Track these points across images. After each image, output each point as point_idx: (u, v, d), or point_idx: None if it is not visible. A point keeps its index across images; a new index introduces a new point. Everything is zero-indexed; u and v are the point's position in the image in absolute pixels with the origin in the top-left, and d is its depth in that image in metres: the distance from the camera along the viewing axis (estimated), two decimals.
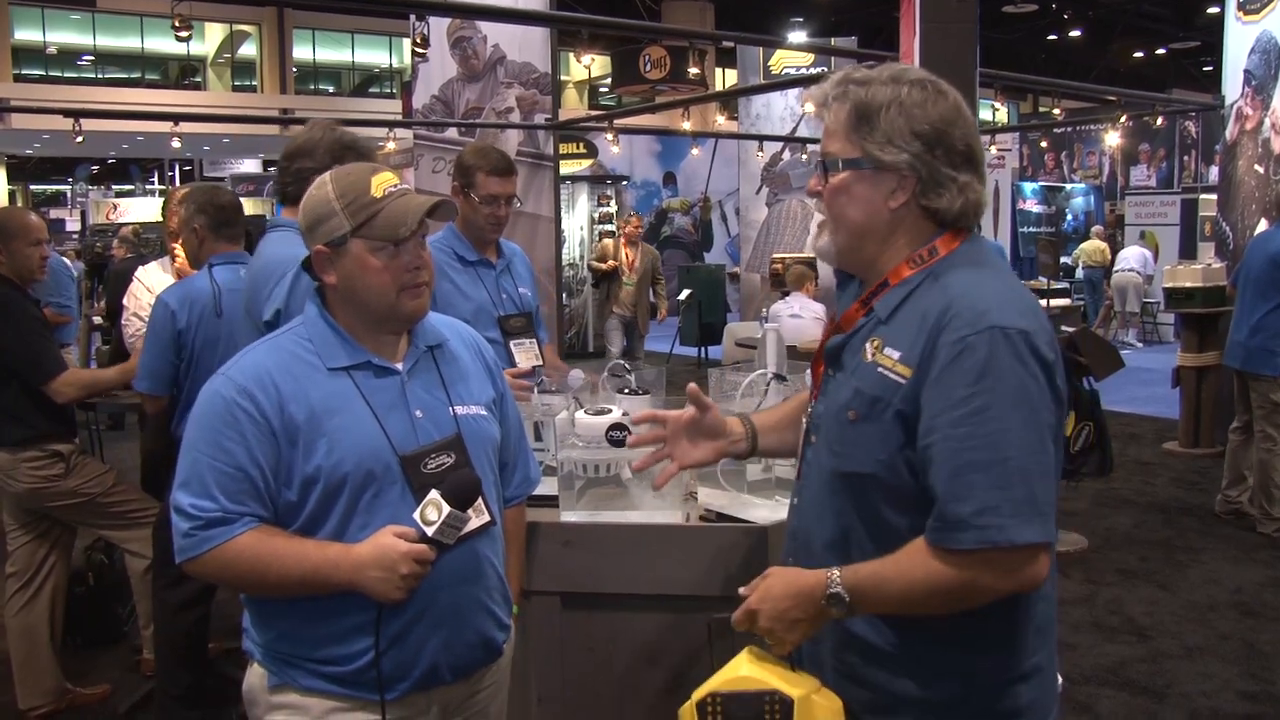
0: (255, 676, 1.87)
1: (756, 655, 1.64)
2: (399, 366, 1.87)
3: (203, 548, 1.73)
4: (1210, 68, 25.42)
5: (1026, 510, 1.43)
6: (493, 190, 3.28)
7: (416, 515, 1.74)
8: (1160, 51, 26.97)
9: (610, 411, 2.42)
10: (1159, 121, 11.12)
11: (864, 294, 1.64)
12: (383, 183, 1.82)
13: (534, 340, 3.40)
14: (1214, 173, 13.44)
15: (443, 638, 1.84)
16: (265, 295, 2.52)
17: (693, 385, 1.94)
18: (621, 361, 2.97)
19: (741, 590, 1.66)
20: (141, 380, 3.57)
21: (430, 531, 1.72)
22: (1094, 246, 15.50)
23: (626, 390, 2.69)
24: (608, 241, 10.86)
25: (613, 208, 15.62)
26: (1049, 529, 1.45)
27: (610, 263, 10.12)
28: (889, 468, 1.52)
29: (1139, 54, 27.75)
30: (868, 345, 1.58)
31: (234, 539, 1.73)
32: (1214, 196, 10.69)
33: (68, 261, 9.39)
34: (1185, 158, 18.39)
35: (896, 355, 1.52)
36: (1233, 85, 8.63)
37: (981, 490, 1.43)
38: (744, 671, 1.61)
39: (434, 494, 1.75)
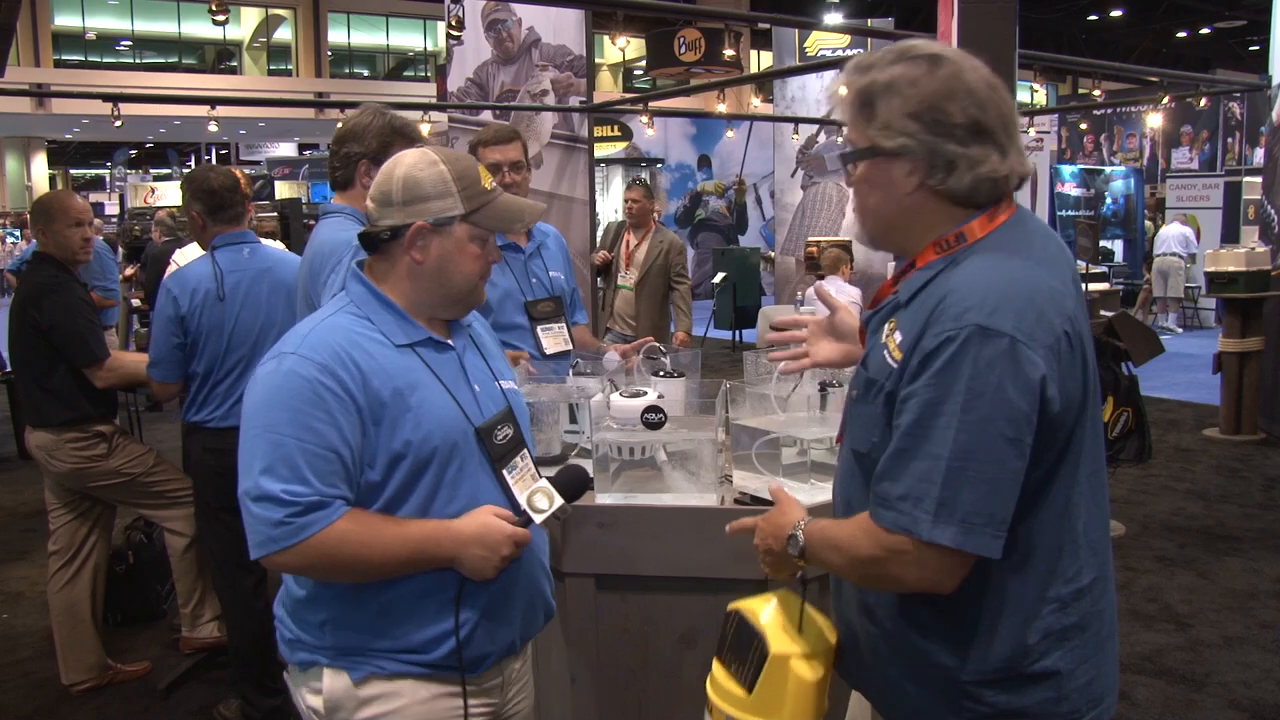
0: (332, 680, 1.79)
1: (788, 600, 1.71)
2: (453, 343, 1.90)
3: (301, 535, 1.66)
4: (1256, 47, 24.95)
5: (945, 512, 1.41)
6: (492, 158, 3.23)
7: (523, 500, 1.77)
8: (1205, 31, 26.49)
9: (645, 394, 2.42)
10: (1202, 103, 10.92)
11: (896, 273, 1.65)
12: (487, 176, 1.87)
13: (563, 325, 3.38)
14: (1259, 154, 13.21)
15: (523, 606, 1.90)
16: (323, 280, 2.52)
17: (820, 285, 2.03)
18: (659, 345, 2.94)
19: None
20: (152, 367, 3.54)
21: (539, 519, 1.76)
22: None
23: (661, 373, 2.69)
24: (611, 222, 7.63)
25: None
26: (972, 539, 1.41)
27: (600, 254, 6.99)
28: (880, 450, 1.51)
29: (1182, 33, 27.28)
30: (886, 325, 1.56)
31: (334, 523, 1.68)
32: (1259, 179, 10.51)
33: (108, 245, 9.50)
34: (1229, 139, 18.08)
35: (899, 339, 1.51)
36: None
37: (911, 478, 1.44)
38: (763, 608, 1.70)
39: (544, 483, 1.78)
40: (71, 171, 34.38)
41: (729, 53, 11.85)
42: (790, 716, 1.64)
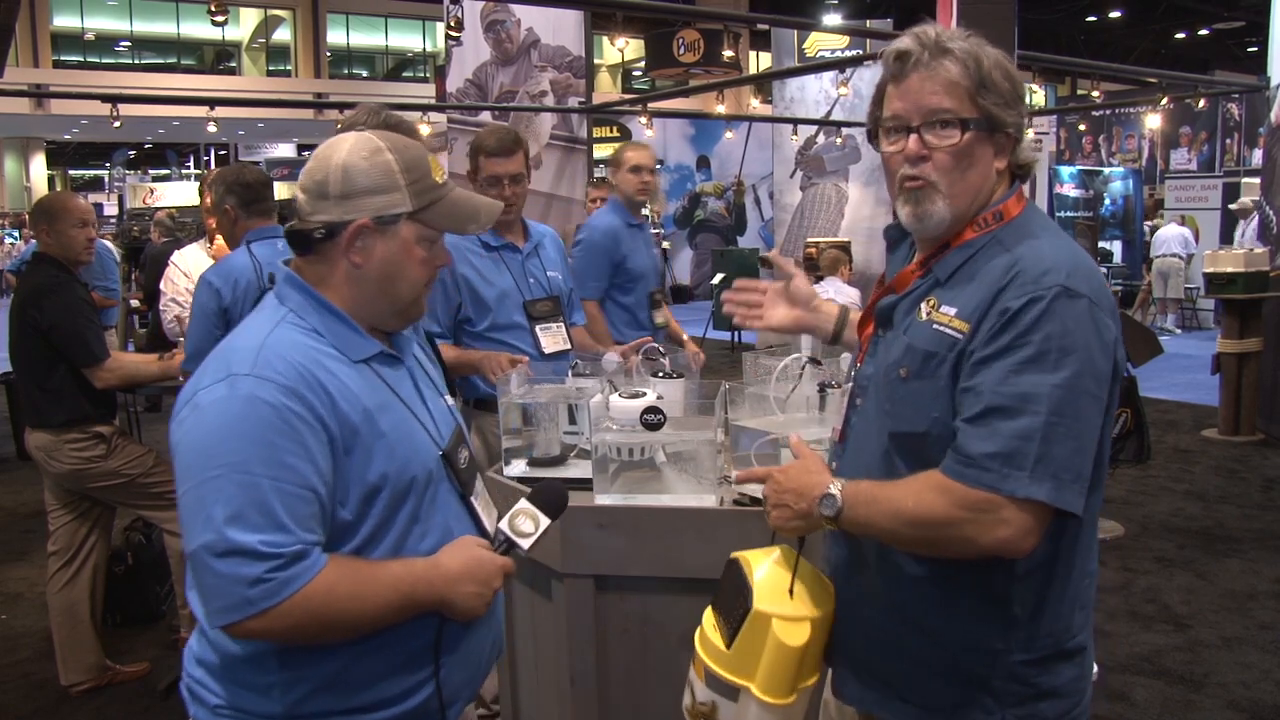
0: None
1: (791, 556, 1.65)
2: (402, 357, 1.70)
3: (285, 593, 1.40)
4: (1255, 48, 24.97)
5: (1041, 468, 1.41)
6: (494, 171, 3.24)
7: (505, 525, 1.63)
8: (1203, 32, 26.51)
9: (644, 395, 2.42)
10: (1201, 104, 10.94)
11: (923, 256, 1.63)
12: (438, 168, 1.64)
13: (561, 325, 3.38)
14: (1258, 156, 13.22)
15: (491, 642, 1.76)
16: None
17: (773, 252, 2.06)
18: (658, 346, 2.94)
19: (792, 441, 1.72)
20: (190, 361, 3.52)
21: (527, 545, 1.63)
22: None
23: (661, 373, 2.69)
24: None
25: None
26: (1064, 495, 1.42)
27: None
28: (944, 425, 1.50)
29: (1181, 35, 27.30)
30: (923, 305, 1.57)
31: (319, 574, 1.43)
32: (1257, 180, 10.52)
33: (110, 246, 9.51)
34: (1228, 141, 18.08)
35: (953, 311, 1.52)
36: (1279, 66, 8.47)
37: (1004, 436, 1.42)
38: (760, 561, 1.65)
39: (525, 504, 1.63)
40: (70, 172, 34.36)
41: (728, 54, 11.87)
42: (766, 680, 1.56)
